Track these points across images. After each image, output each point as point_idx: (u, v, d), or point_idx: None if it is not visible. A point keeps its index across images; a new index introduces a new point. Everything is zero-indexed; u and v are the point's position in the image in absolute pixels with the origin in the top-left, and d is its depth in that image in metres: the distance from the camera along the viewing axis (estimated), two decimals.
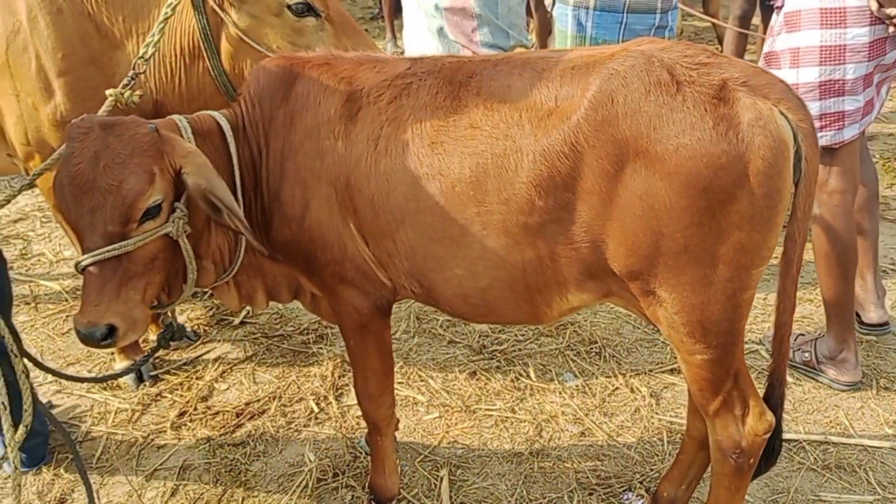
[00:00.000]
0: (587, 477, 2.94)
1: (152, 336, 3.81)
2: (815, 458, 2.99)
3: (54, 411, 3.39)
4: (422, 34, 3.92)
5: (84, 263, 2.02)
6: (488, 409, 3.34)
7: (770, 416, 2.21)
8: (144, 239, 2.06)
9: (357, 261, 2.38)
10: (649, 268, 2.03)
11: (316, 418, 3.33)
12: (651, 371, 3.54)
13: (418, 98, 2.22)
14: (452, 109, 2.15)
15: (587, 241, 2.06)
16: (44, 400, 3.41)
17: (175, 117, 2.37)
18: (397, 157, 2.20)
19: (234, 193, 2.36)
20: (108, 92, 2.63)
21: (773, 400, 2.26)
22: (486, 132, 2.08)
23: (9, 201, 2.36)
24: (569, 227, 2.06)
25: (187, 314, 4.11)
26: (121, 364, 3.59)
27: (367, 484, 2.85)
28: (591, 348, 3.68)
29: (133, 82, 2.67)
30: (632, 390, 3.42)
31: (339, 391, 3.50)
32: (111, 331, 2.03)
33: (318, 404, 3.40)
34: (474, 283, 2.21)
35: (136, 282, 2.09)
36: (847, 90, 3.04)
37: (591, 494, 2.87)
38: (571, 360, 3.63)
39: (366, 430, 3.15)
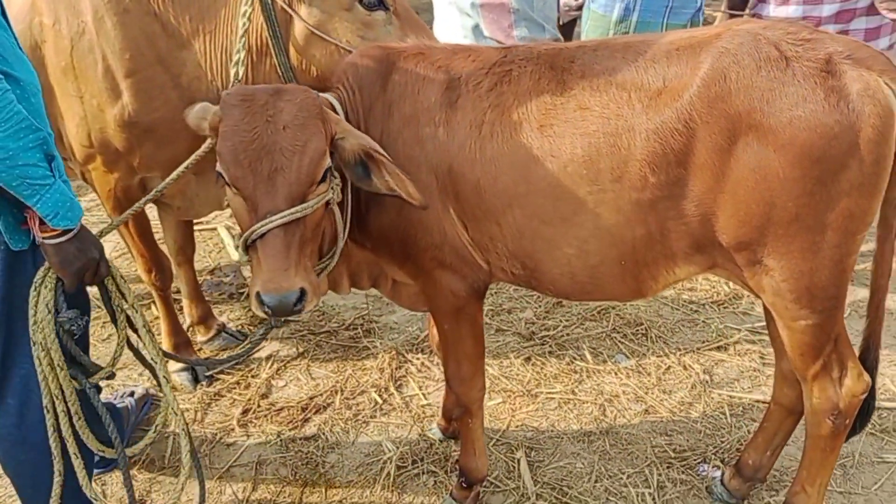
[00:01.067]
0: (663, 451, 3.03)
1: (200, 337, 3.80)
2: (872, 424, 3.11)
3: None
4: (455, 32, 3.98)
5: (271, 226, 1.99)
6: (549, 392, 3.40)
7: (867, 377, 2.32)
8: (320, 201, 2.08)
9: (456, 245, 2.43)
10: (759, 238, 2.12)
11: (381, 409, 3.36)
12: (699, 349, 3.64)
13: (520, 84, 2.28)
14: (558, 93, 2.22)
15: (697, 215, 2.14)
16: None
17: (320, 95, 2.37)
18: (504, 142, 2.25)
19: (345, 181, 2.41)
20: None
21: (869, 362, 2.37)
22: (597, 113, 2.15)
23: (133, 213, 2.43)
24: (680, 202, 2.14)
25: (227, 315, 4.10)
26: (174, 366, 3.57)
27: (457, 466, 2.89)
28: (637, 330, 3.78)
29: None
30: (684, 368, 3.52)
31: (399, 382, 3.53)
32: (302, 294, 1.99)
33: (380, 396, 3.43)
34: (584, 262, 2.27)
35: (307, 248, 2.10)
36: None
37: (669, 467, 2.95)
38: (620, 342, 3.71)
39: (434, 418, 3.21)
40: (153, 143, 3.00)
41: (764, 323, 3.60)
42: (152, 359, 2.35)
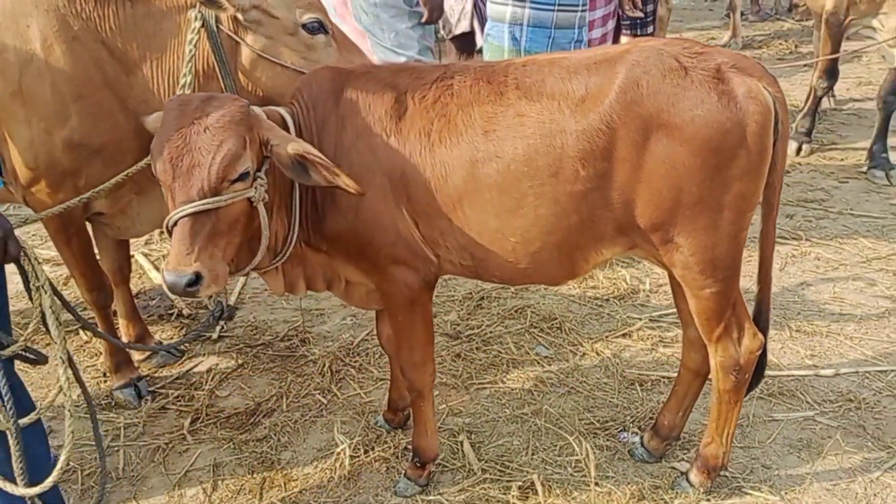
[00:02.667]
0: (588, 423, 3.40)
1: (137, 356, 3.90)
2: (760, 389, 3.59)
3: (54, 436, 3.42)
4: None
5: (182, 215, 2.23)
6: (480, 383, 3.72)
7: (760, 336, 2.76)
8: (234, 198, 2.30)
9: (409, 241, 2.71)
10: (670, 219, 2.52)
11: (327, 408, 3.58)
12: (607, 337, 4.06)
13: (462, 96, 2.61)
14: (498, 103, 2.56)
15: (620, 202, 2.52)
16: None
17: (252, 106, 2.62)
18: (453, 146, 2.57)
19: (293, 187, 2.67)
20: None
21: (761, 323, 2.81)
22: (533, 118, 2.51)
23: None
24: (606, 192, 2.52)
25: (159, 335, 4.21)
26: (117, 382, 3.66)
27: (409, 448, 3.14)
28: (552, 324, 4.16)
29: None
30: (597, 353, 3.91)
31: (340, 383, 3.76)
32: (197, 278, 2.20)
33: (324, 396, 3.65)
34: (526, 249, 2.61)
35: (220, 239, 2.30)
36: None
37: (595, 437, 3.32)
38: (538, 335, 4.08)
39: (379, 412, 3.46)
40: (100, 163, 3.14)
41: (660, 313, 4.07)
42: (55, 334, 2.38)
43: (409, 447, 3.15)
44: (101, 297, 3.53)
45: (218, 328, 4.19)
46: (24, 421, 2.33)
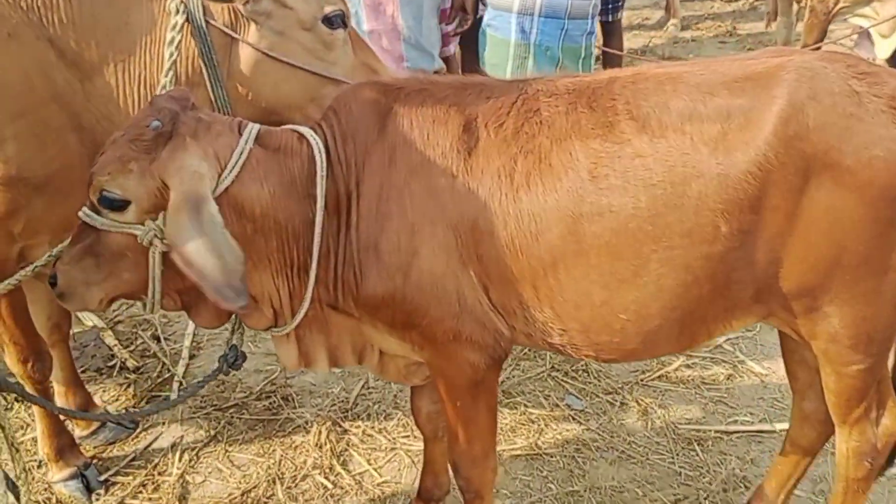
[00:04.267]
0: (655, 501, 2.85)
1: (80, 431, 3.11)
2: None
3: None
4: None
5: (80, 213, 1.99)
6: (512, 449, 3.12)
7: None
8: (107, 225, 1.96)
9: (476, 312, 2.09)
10: (825, 282, 1.97)
11: (332, 495, 2.90)
12: (642, 381, 3.51)
13: (555, 127, 1.98)
14: (607, 137, 1.94)
15: (764, 262, 1.96)
16: None
17: (245, 121, 2.07)
18: (547, 194, 1.94)
19: (311, 238, 2.06)
20: None
21: None
22: (658, 159, 1.90)
23: None
24: (749, 251, 1.94)
25: (100, 396, 3.41)
26: (58, 474, 2.88)
27: None
28: (577, 366, 3.59)
29: None
30: (637, 403, 3.37)
31: (342, 457, 3.08)
32: (54, 282, 2.03)
33: (327, 478, 2.97)
34: (640, 327, 2.01)
35: (101, 261, 1.99)
36: None
37: None
38: (563, 381, 3.50)
39: (396, 498, 2.82)
40: (44, 202, 2.38)
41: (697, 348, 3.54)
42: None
43: None
44: (39, 369, 2.74)
45: (176, 385, 3.43)
46: None
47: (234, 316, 2.20)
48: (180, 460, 3.04)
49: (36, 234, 2.45)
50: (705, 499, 2.87)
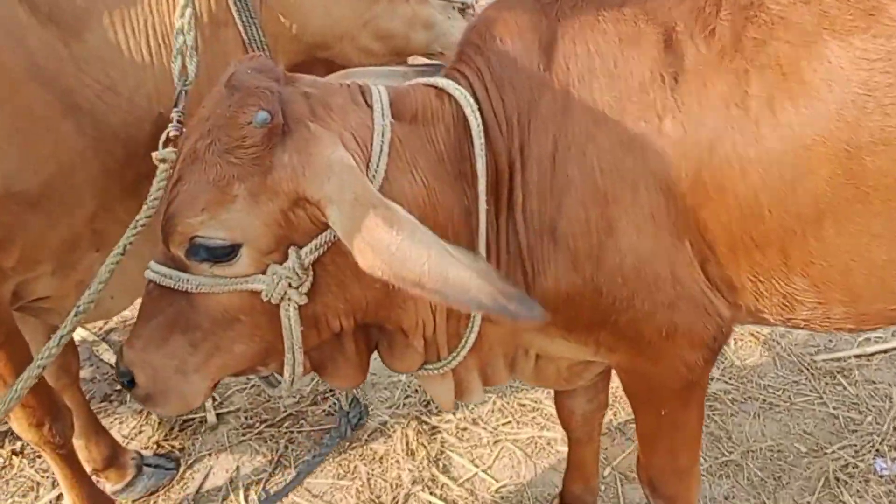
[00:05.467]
0: None
1: (112, 486, 2.49)
2: None
3: None
4: None
5: (146, 274, 1.40)
6: None
7: None
8: (206, 286, 1.35)
9: (694, 296, 1.54)
10: None
11: None
12: None
13: (792, 23, 1.40)
14: (873, 30, 1.37)
15: None
16: None
17: (365, 84, 1.45)
18: (804, 124, 1.38)
19: (472, 233, 1.47)
20: (156, 155, 1.51)
21: None
22: None
23: None
24: None
25: (117, 430, 2.77)
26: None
27: None
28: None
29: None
30: (754, 337, 2.92)
31: (441, 463, 2.55)
32: (131, 382, 1.45)
33: (433, 494, 2.43)
34: None
35: (198, 337, 1.40)
36: None
37: None
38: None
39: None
40: (42, 220, 1.73)
41: None
42: None
43: None
44: (60, 431, 2.09)
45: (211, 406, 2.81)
46: None
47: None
48: (247, 501, 2.46)
49: (35, 264, 1.78)
50: (881, 443, 2.45)
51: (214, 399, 2.84)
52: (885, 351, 2.80)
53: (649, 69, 1.42)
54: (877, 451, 2.44)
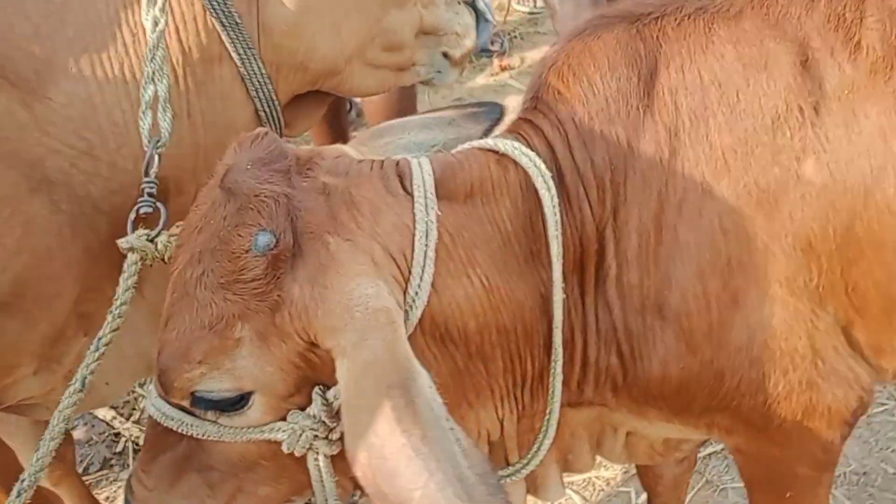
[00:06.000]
0: None
1: None
2: None
3: None
4: None
5: (146, 408, 1.16)
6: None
7: None
8: (216, 435, 1.09)
9: (837, 369, 1.25)
10: None
11: None
12: None
13: None
14: None
15: None
16: None
17: (405, 158, 1.18)
18: None
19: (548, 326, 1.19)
20: (122, 243, 1.28)
21: None
22: None
23: None
24: None
25: (119, 501, 2.47)
26: None
27: None
28: None
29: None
30: None
31: None
32: None
33: None
34: None
35: (215, 478, 1.16)
36: None
37: None
38: None
39: None
40: (19, 323, 1.42)
41: None
42: None
43: None
44: None
45: None
46: None
47: None
48: None
49: (14, 368, 1.47)
50: None
51: None
52: None
53: (783, 100, 1.11)
54: None
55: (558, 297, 1.14)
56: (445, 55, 1.70)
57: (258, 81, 1.47)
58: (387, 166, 1.12)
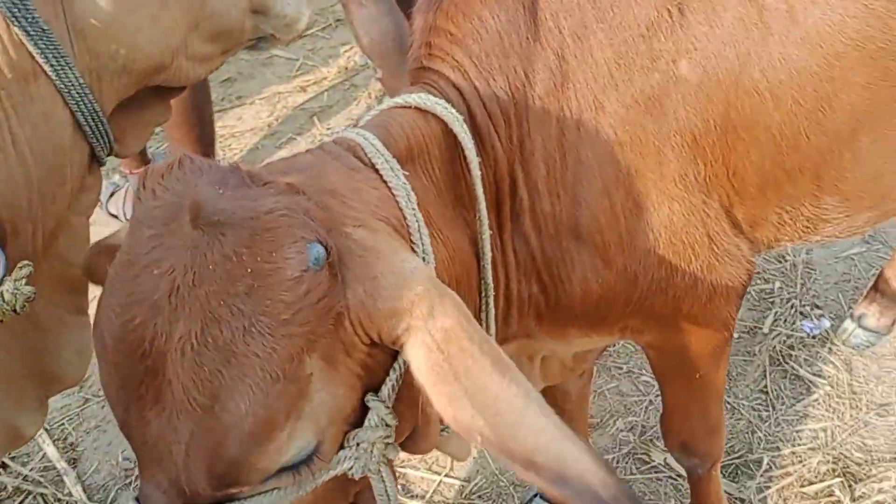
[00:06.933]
0: None
1: None
2: None
3: None
4: None
5: None
6: None
7: None
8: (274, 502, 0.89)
9: (727, 248, 1.34)
10: None
11: None
12: None
13: None
14: None
15: None
16: None
17: (348, 138, 1.07)
18: (837, 27, 1.18)
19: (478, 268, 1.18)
20: None
21: None
22: None
23: None
24: None
25: None
26: None
27: None
28: None
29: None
30: None
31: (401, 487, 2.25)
32: None
33: None
34: None
35: None
36: None
37: None
38: None
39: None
40: None
41: None
42: None
43: None
44: None
45: None
46: None
47: None
48: None
49: None
50: (801, 305, 2.47)
51: None
52: None
53: (653, 6, 1.14)
54: (800, 314, 2.46)
55: (486, 234, 1.12)
56: (273, 37, 1.58)
57: (77, 94, 1.28)
58: (332, 149, 1.03)
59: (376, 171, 0.99)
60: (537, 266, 1.23)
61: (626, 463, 2.15)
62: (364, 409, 0.91)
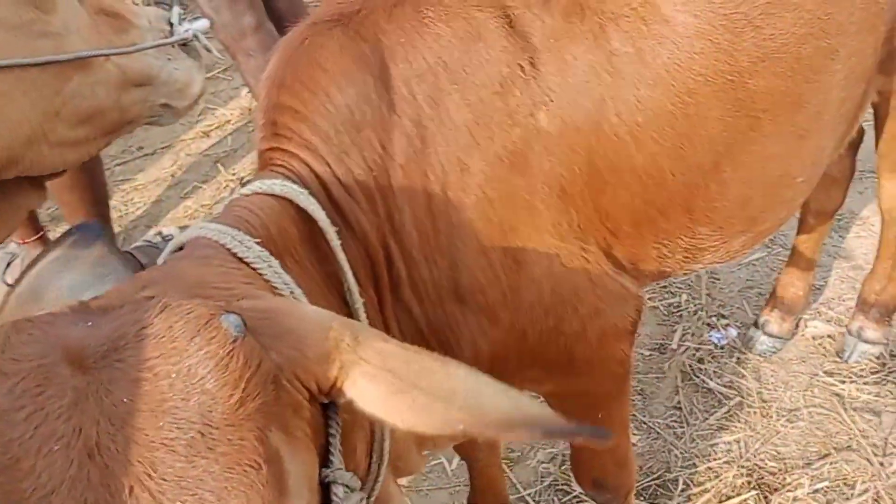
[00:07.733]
0: None
1: None
2: None
3: None
4: None
5: None
6: None
7: None
8: None
9: (611, 289, 1.35)
10: None
11: None
12: None
13: None
14: None
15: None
16: None
17: (224, 234, 0.98)
18: (685, 65, 1.21)
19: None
20: None
21: None
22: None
23: None
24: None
25: None
26: None
27: None
28: None
29: None
30: None
31: None
32: None
33: None
34: (813, 176, 1.44)
35: None
36: None
37: None
38: None
39: None
40: None
41: None
42: None
43: None
44: None
45: None
46: None
47: None
48: None
49: None
50: (707, 316, 2.52)
51: None
52: None
53: (504, 63, 1.13)
54: (707, 325, 2.50)
55: (357, 303, 1.09)
56: (167, 105, 1.53)
57: None
58: (196, 255, 0.95)
59: (227, 250, 0.94)
60: (425, 336, 1.20)
61: (549, 495, 2.14)
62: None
